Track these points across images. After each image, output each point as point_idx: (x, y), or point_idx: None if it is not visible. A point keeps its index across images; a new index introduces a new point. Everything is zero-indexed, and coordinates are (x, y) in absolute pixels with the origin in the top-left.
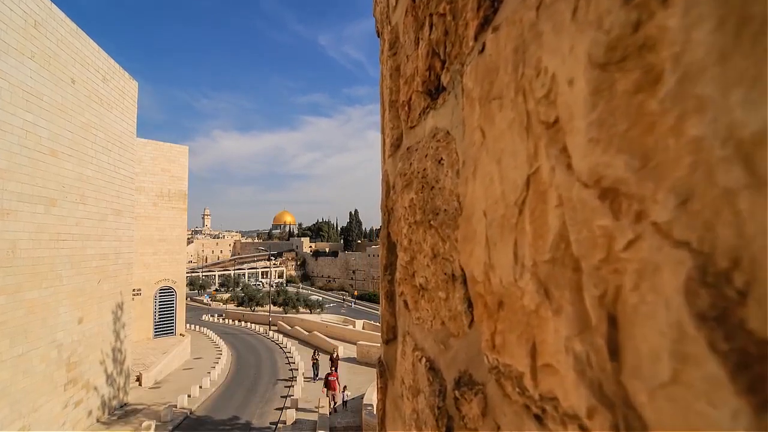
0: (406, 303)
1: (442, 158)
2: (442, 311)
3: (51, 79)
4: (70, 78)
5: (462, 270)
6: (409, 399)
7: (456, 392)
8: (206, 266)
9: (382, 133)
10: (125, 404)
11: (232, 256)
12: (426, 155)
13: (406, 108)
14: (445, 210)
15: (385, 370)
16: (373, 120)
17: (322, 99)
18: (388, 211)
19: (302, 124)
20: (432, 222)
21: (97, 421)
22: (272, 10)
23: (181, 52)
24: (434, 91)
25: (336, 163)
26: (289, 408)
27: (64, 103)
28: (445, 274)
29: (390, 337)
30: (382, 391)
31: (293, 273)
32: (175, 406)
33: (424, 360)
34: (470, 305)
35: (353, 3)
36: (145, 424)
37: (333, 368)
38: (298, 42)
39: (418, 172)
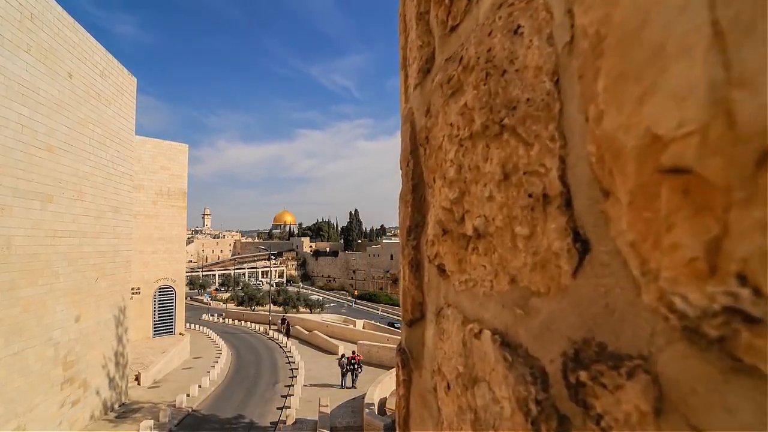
0: (442, 267)
1: (519, 25)
2: (514, 261)
3: (48, 73)
4: (67, 72)
5: (563, 184)
6: (454, 392)
7: (578, 375)
8: (206, 266)
9: (404, 67)
10: (124, 404)
11: (232, 255)
12: (490, 33)
13: (446, 2)
14: (529, 99)
15: (408, 359)
16: (360, 132)
17: (314, 115)
18: (416, 152)
19: (298, 136)
20: (506, 121)
21: (95, 420)
22: (273, 48)
23: (197, 81)
24: None
25: (334, 168)
26: (289, 408)
27: (61, 98)
28: (530, 196)
29: (416, 317)
30: (405, 384)
31: (293, 273)
32: (174, 406)
33: (488, 334)
34: (577, 238)
35: (340, 43)
36: (144, 423)
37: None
38: (293, 72)
39: (478, 58)
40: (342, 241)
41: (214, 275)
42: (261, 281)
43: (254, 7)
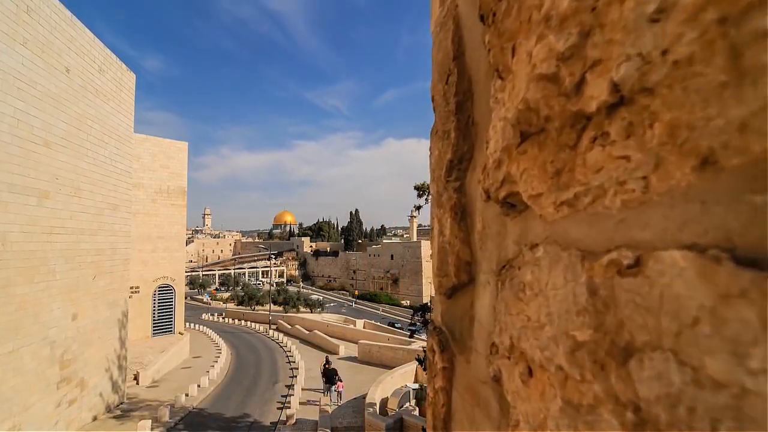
0: (511, 200)
1: None
2: (724, 114)
3: (44, 68)
4: (64, 67)
5: None
6: (551, 380)
7: None
8: (206, 266)
9: None
10: (122, 403)
11: (232, 255)
12: None
13: None
14: None
15: (447, 341)
16: (351, 142)
17: (308, 128)
18: (461, 57)
19: (295, 146)
20: None
21: (92, 420)
22: (274, 77)
23: (209, 102)
24: None
25: (332, 173)
26: (289, 408)
27: (58, 93)
28: None
29: (461, 281)
30: (445, 374)
31: (294, 272)
32: (173, 405)
33: (684, 257)
34: None
35: (331, 74)
36: (142, 423)
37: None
38: (290, 95)
39: None
40: (342, 241)
41: (214, 275)
42: (261, 281)
43: (259, 46)
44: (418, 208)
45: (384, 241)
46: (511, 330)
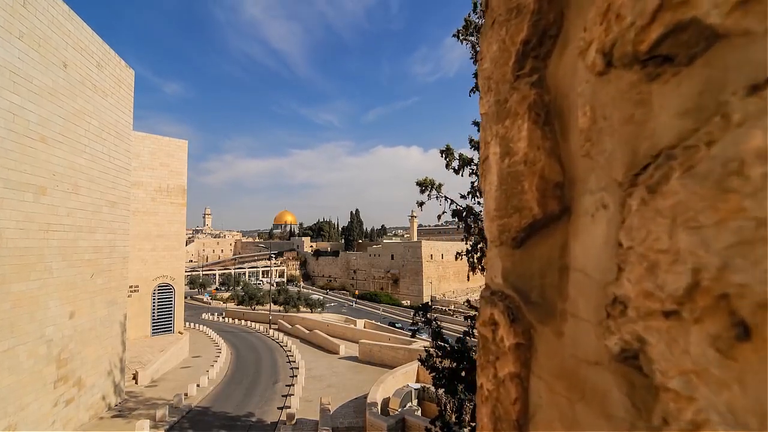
0: (663, 52)
1: None
2: None
3: (41, 62)
4: (61, 62)
5: None
6: None
7: None
8: (207, 265)
9: None
10: (120, 403)
11: (233, 255)
12: None
13: None
14: None
15: (518, 309)
16: (343, 150)
17: (305, 139)
18: None
19: (292, 154)
20: None
21: (90, 419)
22: (274, 97)
23: (217, 117)
24: None
25: (330, 177)
26: (289, 408)
27: (56, 88)
28: None
29: (548, 214)
30: (518, 354)
31: (294, 272)
32: (172, 405)
33: None
34: None
35: (324, 95)
36: (140, 423)
37: None
38: (289, 112)
39: None
40: (343, 240)
41: (215, 275)
42: (261, 281)
43: (263, 73)
44: (421, 204)
45: (384, 241)
46: (695, 258)
